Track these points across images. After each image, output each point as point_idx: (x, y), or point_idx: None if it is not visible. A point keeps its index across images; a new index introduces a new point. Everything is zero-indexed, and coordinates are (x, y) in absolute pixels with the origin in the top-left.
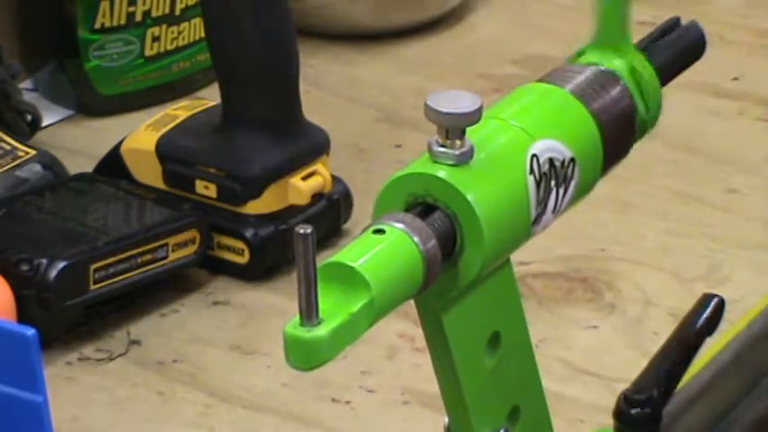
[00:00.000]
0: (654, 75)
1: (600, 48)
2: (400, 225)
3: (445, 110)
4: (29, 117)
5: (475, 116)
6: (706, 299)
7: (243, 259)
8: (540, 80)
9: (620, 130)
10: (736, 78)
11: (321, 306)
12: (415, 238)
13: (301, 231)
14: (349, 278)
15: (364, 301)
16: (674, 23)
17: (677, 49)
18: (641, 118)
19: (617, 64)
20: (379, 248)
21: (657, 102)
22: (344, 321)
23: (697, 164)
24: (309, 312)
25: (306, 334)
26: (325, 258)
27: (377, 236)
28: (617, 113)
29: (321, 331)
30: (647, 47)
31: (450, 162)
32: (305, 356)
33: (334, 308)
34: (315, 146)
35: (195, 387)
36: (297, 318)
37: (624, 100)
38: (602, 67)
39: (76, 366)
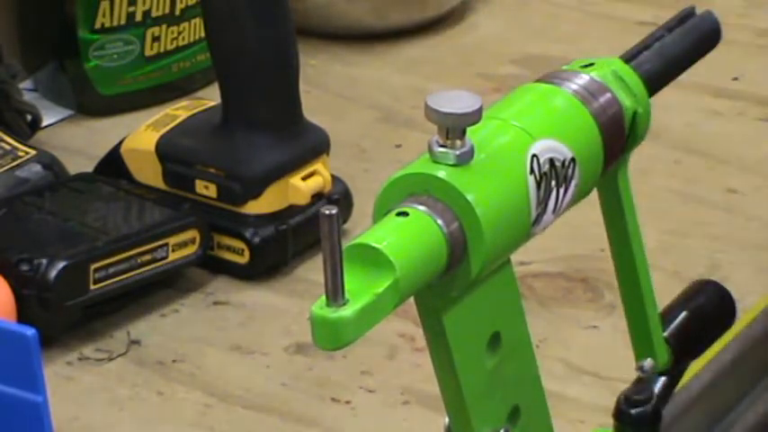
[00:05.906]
0: (641, 85)
1: (589, 59)
2: (423, 207)
3: (446, 110)
4: (29, 117)
5: (475, 116)
6: None
7: (243, 259)
8: (540, 80)
9: (616, 132)
10: (735, 78)
11: (347, 287)
12: (439, 221)
13: (326, 212)
14: (374, 259)
15: (389, 282)
16: (689, 13)
17: (692, 38)
18: (629, 124)
19: (605, 74)
20: (403, 230)
21: (646, 110)
22: (370, 302)
23: (697, 164)
24: (335, 293)
25: (332, 314)
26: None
27: (400, 218)
28: (611, 117)
29: (347, 311)
30: (662, 36)
31: (451, 162)
32: (331, 336)
33: (360, 288)
34: (315, 146)
35: (195, 387)
36: (323, 298)
37: (613, 107)
38: (592, 76)
39: (76, 366)
